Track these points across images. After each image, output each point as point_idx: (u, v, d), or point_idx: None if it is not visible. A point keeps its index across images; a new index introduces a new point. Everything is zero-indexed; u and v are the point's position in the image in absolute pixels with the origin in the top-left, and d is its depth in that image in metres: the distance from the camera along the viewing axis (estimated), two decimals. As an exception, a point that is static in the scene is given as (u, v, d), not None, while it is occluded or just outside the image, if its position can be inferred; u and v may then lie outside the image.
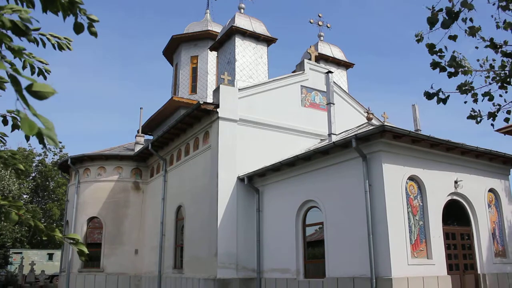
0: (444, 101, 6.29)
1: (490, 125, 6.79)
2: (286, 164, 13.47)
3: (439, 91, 6.23)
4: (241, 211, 14.82)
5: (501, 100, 7.01)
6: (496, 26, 6.49)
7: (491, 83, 6.82)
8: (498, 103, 6.90)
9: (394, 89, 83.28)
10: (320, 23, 21.19)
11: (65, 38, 2.96)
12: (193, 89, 25.17)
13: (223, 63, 18.74)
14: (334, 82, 17.60)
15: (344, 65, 21.24)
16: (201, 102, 15.03)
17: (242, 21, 18.43)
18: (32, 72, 2.96)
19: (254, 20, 18.93)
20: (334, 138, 13.53)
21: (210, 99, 20.75)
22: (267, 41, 18.93)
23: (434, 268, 10.89)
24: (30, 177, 42.34)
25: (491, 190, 13.46)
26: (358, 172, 11.01)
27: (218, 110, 15.11)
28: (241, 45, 18.20)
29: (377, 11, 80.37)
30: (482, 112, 6.85)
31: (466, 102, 6.77)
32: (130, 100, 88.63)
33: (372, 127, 11.08)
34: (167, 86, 57.13)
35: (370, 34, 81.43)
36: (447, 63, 6.16)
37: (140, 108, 28.70)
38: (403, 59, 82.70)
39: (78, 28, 2.39)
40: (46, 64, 3.03)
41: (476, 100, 6.65)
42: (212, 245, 14.34)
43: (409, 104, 18.61)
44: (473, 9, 5.40)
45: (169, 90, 28.61)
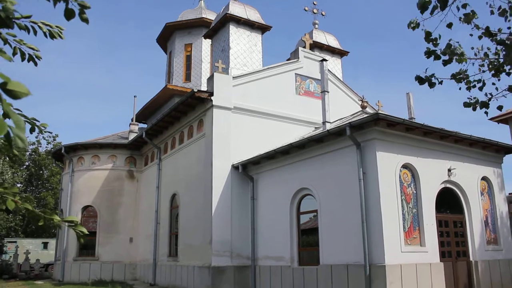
0: (434, 85, 6.29)
1: (484, 113, 6.81)
2: (280, 152, 13.48)
3: (432, 76, 6.23)
4: (236, 199, 14.86)
5: (494, 89, 7.03)
6: (491, 12, 6.48)
7: (484, 71, 6.83)
8: (490, 93, 6.92)
9: (389, 78, 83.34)
10: (315, 11, 21.09)
11: (57, 27, 2.92)
12: (187, 77, 25.06)
13: (217, 51, 18.64)
14: (329, 70, 17.56)
15: (339, 53, 21.19)
16: (195, 90, 14.98)
17: (236, 9, 18.31)
18: (23, 59, 2.92)
19: (249, 8, 18.80)
20: (328, 126, 13.55)
21: (204, 87, 20.66)
22: (262, 29, 18.83)
23: (427, 255, 10.99)
24: (24, 166, 42.15)
25: (484, 178, 13.55)
26: (352, 160, 11.04)
27: (212, 98, 15.07)
28: (235, 33, 18.10)
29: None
30: (478, 99, 6.86)
31: (460, 89, 6.78)
32: (124, 89, 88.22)
33: (366, 115, 11.10)
34: (161, 75, 56.87)
35: (365, 22, 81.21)
36: (442, 51, 6.16)
37: (134, 97, 28.58)
38: (398, 48, 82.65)
39: (69, 14, 2.36)
40: (37, 51, 2.99)
41: (470, 88, 6.66)
42: (207, 233, 14.38)
43: (404, 93, 18.63)
44: None
45: (163, 78, 28.47)
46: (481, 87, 6.64)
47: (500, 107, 6.95)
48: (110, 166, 21.19)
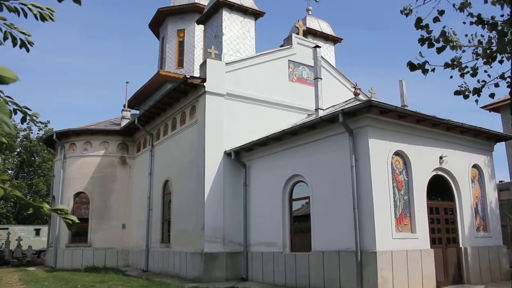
0: (426, 71, 6.28)
1: (475, 101, 6.83)
2: (273, 139, 13.49)
3: (425, 63, 6.23)
4: (228, 186, 14.88)
5: (486, 77, 7.04)
6: (484, 1, 6.46)
7: (477, 59, 6.83)
8: (484, 80, 6.93)
9: (382, 65, 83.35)
10: (309, -3, 20.96)
11: (48, 8, 2.87)
12: (180, 63, 24.92)
13: (210, 37, 18.51)
14: (322, 57, 17.51)
15: (332, 40, 21.13)
16: (188, 76, 14.91)
17: (230, -6, 18.14)
18: (14, 44, 2.87)
19: (242, -7, 18.64)
20: (321, 113, 13.55)
21: (197, 73, 20.57)
22: (255, 15, 18.70)
23: (418, 242, 11.10)
24: (15, 153, 41.87)
25: (475, 166, 13.65)
26: (345, 147, 11.07)
27: (205, 84, 15.00)
28: (228, 19, 17.96)
29: (366, -14, 79.67)
30: (470, 88, 6.87)
31: (452, 77, 6.78)
32: (116, 75, 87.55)
33: (359, 102, 11.11)
34: (154, 61, 56.44)
35: (359, 9, 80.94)
36: (435, 39, 6.15)
37: (126, 83, 28.40)
38: (392, 35, 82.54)
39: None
40: (29, 36, 2.94)
41: (463, 75, 6.66)
42: (199, 220, 14.42)
43: (397, 80, 18.65)
44: None
45: (156, 65, 28.28)
46: (474, 74, 6.64)
47: (492, 95, 6.96)
48: (103, 153, 21.12)
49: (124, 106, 22.92)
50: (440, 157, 12.33)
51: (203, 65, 15.58)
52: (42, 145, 37.41)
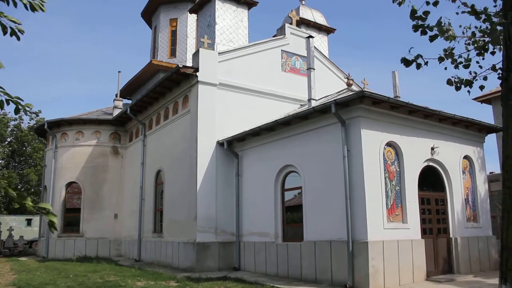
0: (420, 66, 6.30)
1: (467, 92, 6.85)
2: (266, 129, 13.48)
3: (418, 57, 6.24)
4: (221, 176, 14.88)
5: (478, 69, 7.06)
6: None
7: (470, 50, 6.85)
8: (475, 71, 6.95)
9: (375, 56, 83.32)
10: (302, -13, 20.86)
11: (38, -2, 2.82)
12: (173, 53, 24.76)
13: (203, 26, 18.40)
14: (315, 47, 17.49)
15: (325, 30, 21.07)
16: (180, 66, 14.83)
17: (223, -17, 18.01)
18: (4, 32, 2.82)
19: (235, -18, 18.51)
20: (314, 104, 13.55)
21: (190, 63, 20.46)
22: (248, 4, 18.60)
23: (409, 232, 11.19)
24: (6, 142, 41.59)
25: (466, 157, 13.74)
26: (337, 138, 11.08)
27: (198, 74, 14.93)
28: (221, 8, 17.85)
29: (360, -24, 79.43)
30: (462, 79, 6.89)
31: (446, 68, 6.79)
32: (108, 64, 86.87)
33: (352, 93, 11.10)
34: (146, 50, 56.00)
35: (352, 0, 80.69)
36: (429, 27, 6.15)
37: (118, 72, 28.03)
38: (385, 26, 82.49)
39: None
40: (19, 24, 2.89)
41: (457, 66, 6.68)
42: (192, 209, 14.43)
43: (390, 71, 18.67)
44: None
45: (148, 54, 28.08)
46: (467, 66, 6.66)
47: (482, 87, 6.98)
48: (95, 142, 21.02)
49: (116, 96, 22.78)
50: (432, 148, 12.40)
51: (196, 55, 15.50)
52: (33, 135, 37.18)
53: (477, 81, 6.76)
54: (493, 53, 6.95)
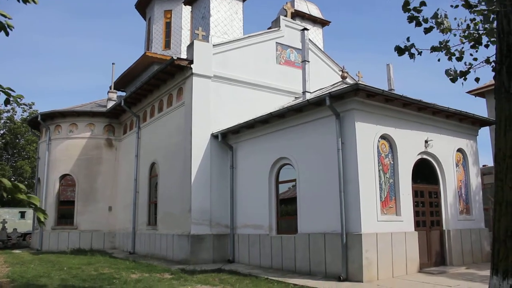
0: (413, 55, 6.30)
1: (461, 84, 6.88)
2: (260, 121, 13.47)
3: (412, 46, 6.23)
4: (215, 168, 14.87)
5: (472, 60, 7.06)
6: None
7: (464, 43, 6.85)
8: (470, 63, 6.96)
9: (370, 49, 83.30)
10: (297, -21, 20.74)
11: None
12: (167, 45, 24.65)
13: (198, 18, 18.30)
14: (310, 40, 17.45)
15: (320, 23, 21.01)
16: (175, 58, 14.76)
17: (217, -25, 17.90)
18: (-7, 27, 2.77)
19: (230, -26, 18.40)
20: (308, 96, 13.54)
21: (184, 55, 20.36)
22: (243, -4, 18.51)
23: (402, 225, 11.25)
24: (-1, 134, 41.38)
25: (460, 150, 13.80)
26: (331, 130, 11.09)
27: (192, 66, 14.88)
28: (216, 0, 17.75)
29: (355, -31, 79.21)
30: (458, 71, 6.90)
31: (440, 60, 6.80)
32: (102, 56, 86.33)
33: (346, 86, 11.09)
34: (140, 42, 55.64)
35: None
36: (424, 19, 6.15)
37: (112, 64, 27.91)
38: (380, 19, 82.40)
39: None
40: (9, 19, 2.84)
41: (451, 58, 6.69)
42: (186, 202, 14.43)
43: (384, 64, 18.68)
44: None
45: (142, 46, 27.94)
46: (460, 58, 6.67)
47: (477, 79, 7.00)
48: (88, 135, 20.94)
49: (110, 88, 22.67)
50: (426, 141, 12.44)
51: (190, 47, 15.43)
52: (27, 127, 36.92)
53: (473, 74, 6.78)
54: (487, 46, 6.96)
